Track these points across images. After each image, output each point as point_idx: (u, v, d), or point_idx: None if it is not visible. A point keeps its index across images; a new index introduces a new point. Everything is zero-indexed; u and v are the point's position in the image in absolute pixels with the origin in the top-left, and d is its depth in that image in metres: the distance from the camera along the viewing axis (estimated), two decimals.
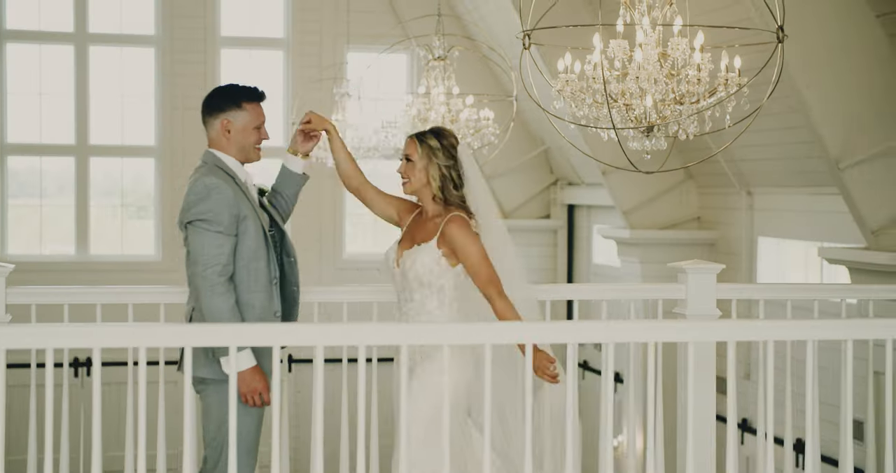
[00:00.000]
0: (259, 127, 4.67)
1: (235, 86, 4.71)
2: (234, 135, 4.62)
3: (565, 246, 13.16)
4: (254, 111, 4.66)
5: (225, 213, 4.43)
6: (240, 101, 4.64)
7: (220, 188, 4.45)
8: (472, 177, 4.73)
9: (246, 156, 4.67)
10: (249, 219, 4.51)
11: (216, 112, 4.64)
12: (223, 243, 4.42)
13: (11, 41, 12.35)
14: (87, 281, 11.68)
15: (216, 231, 4.42)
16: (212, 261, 4.40)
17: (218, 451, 4.47)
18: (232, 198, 4.46)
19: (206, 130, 4.68)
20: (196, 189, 4.48)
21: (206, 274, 4.39)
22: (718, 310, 4.94)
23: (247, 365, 4.37)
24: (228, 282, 4.42)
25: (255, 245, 4.51)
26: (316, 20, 12.68)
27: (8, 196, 12.45)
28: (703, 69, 5.04)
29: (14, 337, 3.42)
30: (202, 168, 4.60)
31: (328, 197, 12.70)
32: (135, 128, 12.61)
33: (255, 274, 4.51)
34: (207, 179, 4.48)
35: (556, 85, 5.22)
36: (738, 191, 9.93)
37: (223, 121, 4.62)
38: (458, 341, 3.75)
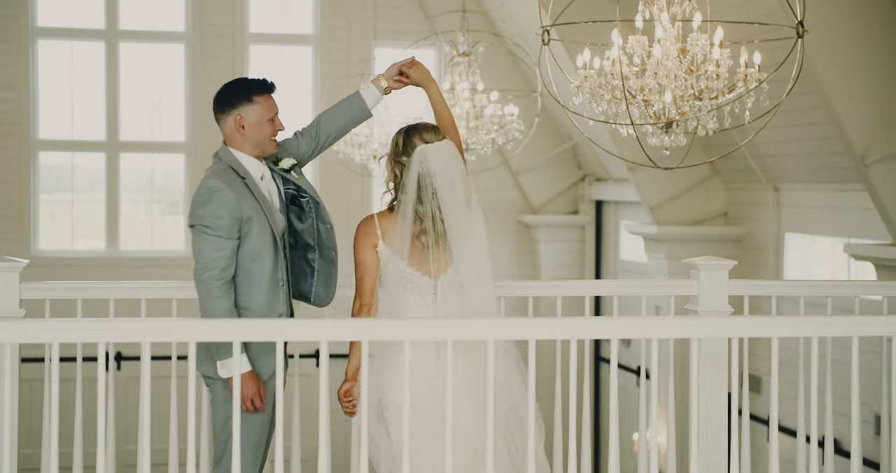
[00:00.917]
0: (273, 118, 4.63)
1: (244, 80, 4.68)
2: (249, 130, 4.59)
3: (593, 243, 13.13)
4: (265, 103, 4.62)
5: (225, 217, 4.42)
6: (251, 95, 4.60)
7: (222, 191, 4.43)
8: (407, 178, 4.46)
9: (262, 150, 4.64)
10: (254, 220, 4.48)
11: (228, 108, 4.60)
12: (222, 247, 4.41)
13: (43, 38, 12.45)
14: (116, 276, 11.78)
15: (216, 235, 4.41)
16: (209, 265, 4.39)
17: (223, 446, 4.49)
18: (233, 202, 4.43)
19: (220, 128, 4.64)
20: (199, 191, 4.48)
21: (204, 277, 4.40)
22: (730, 307, 4.92)
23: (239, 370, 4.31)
24: (227, 285, 4.42)
25: (258, 246, 4.50)
26: (344, 16, 12.71)
27: (40, 191, 12.57)
28: (723, 65, 5.02)
29: (22, 332, 3.47)
30: (214, 166, 4.60)
31: (357, 191, 12.74)
32: (165, 125, 12.69)
33: (256, 276, 4.49)
34: (210, 181, 4.47)
35: (575, 81, 5.22)
36: (765, 186, 9.88)
37: (236, 118, 4.58)
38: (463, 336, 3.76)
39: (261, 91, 4.62)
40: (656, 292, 5.24)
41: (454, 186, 4.40)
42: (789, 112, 8.33)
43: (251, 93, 4.61)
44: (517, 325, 3.74)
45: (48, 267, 11.94)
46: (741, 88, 5.01)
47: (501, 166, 12.76)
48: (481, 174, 11.25)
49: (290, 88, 12.75)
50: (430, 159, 4.40)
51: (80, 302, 4.96)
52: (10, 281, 4.70)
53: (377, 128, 10.39)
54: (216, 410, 4.51)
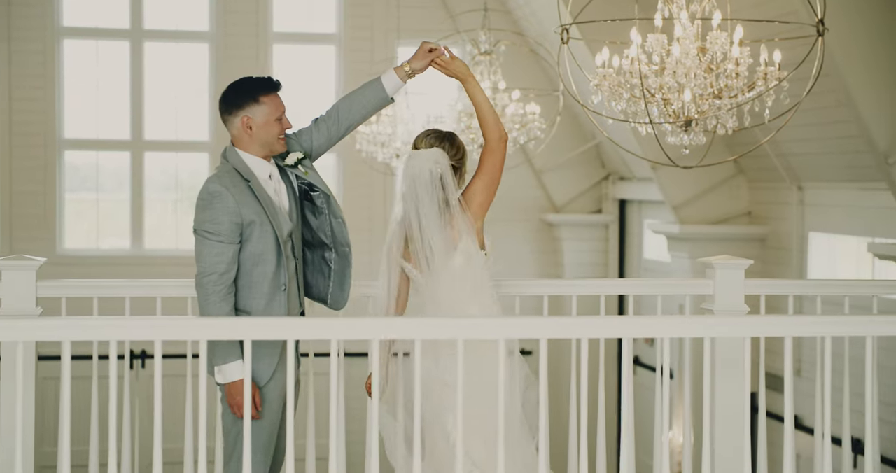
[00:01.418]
0: (280, 118, 4.60)
1: (249, 79, 4.62)
2: (257, 130, 4.55)
3: (617, 242, 13.09)
4: (272, 103, 4.59)
5: (225, 222, 4.39)
6: (257, 95, 4.56)
7: (222, 196, 4.41)
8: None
9: (270, 149, 4.60)
10: (256, 224, 4.45)
11: (234, 110, 4.56)
12: (222, 251, 4.39)
13: (69, 37, 12.53)
14: (141, 275, 11.84)
15: (216, 240, 4.39)
16: (208, 269, 4.38)
17: (232, 446, 4.48)
18: (234, 206, 4.41)
19: (227, 128, 4.61)
20: (201, 195, 4.46)
21: (203, 282, 4.38)
22: (747, 306, 4.90)
23: (233, 377, 4.35)
24: (227, 290, 4.40)
25: (259, 250, 4.47)
26: (367, 15, 12.72)
27: (65, 190, 12.64)
28: (743, 63, 4.99)
29: (35, 330, 3.49)
30: (220, 167, 4.57)
31: (379, 190, 12.74)
32: (189, 124, 12.73)
33: (257, 280, 4.47)
34: (212, 185, 4.45)
35: (594, 79, 5.20)
36: (789, 185, 9.81)
37: (243, 119, 4.54)
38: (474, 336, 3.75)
39: (267, 90, 4.59)
40: (672, 291, 5.22)
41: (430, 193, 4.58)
42: (812, 110, 8.28)
43: (257, 93, 4.57)
44: (529, 324, 3.73)
45: (73, 266, 12.03)
46: (761, 87, 4.98)
47: (524, 165, 12.73)
48: (503, 173, 11.21)
49: (313, 88, 12.77)
50: (413, 166, 4.61)
51: (95, 300, 4.99)
52: (27, 280, 4.74)
53: (400, 126, 10.40)
54: (225, 410, 4.50)
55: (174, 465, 5.22)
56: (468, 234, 4.55)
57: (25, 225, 12.28)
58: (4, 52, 12.16)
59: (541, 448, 3.75)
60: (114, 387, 3.59)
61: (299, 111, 13.58)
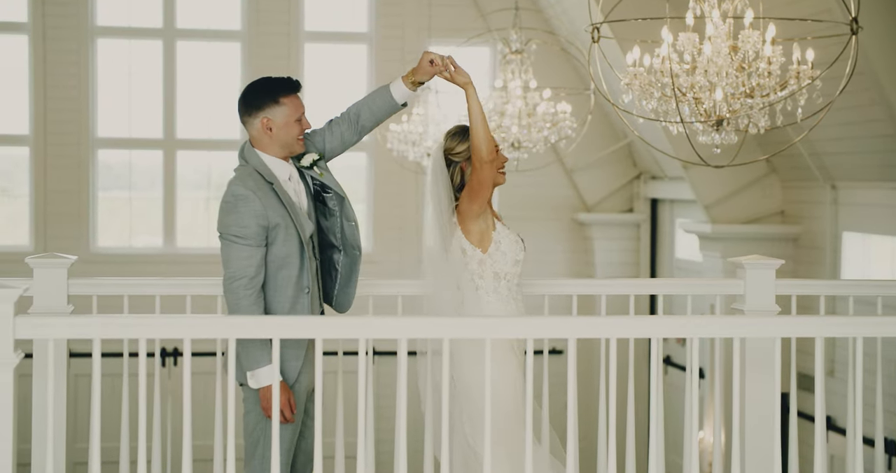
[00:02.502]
0: (300, 118, 4.57)
1: (269, 80, 4.58)
2: (277, 131, 4.52)
3: (648, 241, 13.04)
4: (292, 104, 4.55)
5: (252, 226, 4.37)
6: (277, 96, 4.53)
7: (248, 199, 4.39)
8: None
9: (290, 150, 4.59)
10: (281, 226, 4.43)
11: (254, 111, 4.53)
12: (251, 255, 4.37)
13: (102, 37, 12.61)
14: (173, 272, 11.89)
15: (244, 244, 4.37)
16: (238, 273, 4.36)
17: (253, 447, 4.47)
18: (260, 209, 4.39)
19: (245, 129, 4.59)
20: (226, 198, 4.44)
21: (233, 286, 4.36)
22: (778, 306, 4.87)
23: (267, 382, 4.33)
24: (258, 294, 4.39)
25: (284, 253, 4.45)
26: (399, 14, 12.72)
27: (99, 189, 12.72)
28: (775, 62, 4.96)
29: (65, 328, 3.51)
30: (241, 169, 4.55)
31: (410, 189, 12.75)
32: (221, 122, 12.79)
33: (281, 284, 4.46)
34: (237, 188, 4.43)
35: (625, 78, 5.18)
36: (822, 184, 9.75)
37: (263, 120, 4.52)
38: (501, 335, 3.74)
39: (287, 91, 4.56)
40: (702, 291, 5.19)
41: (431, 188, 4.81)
42: (846, 109, 8.22)
43: (277, 94, 4.53)
44: (558, 324, 3.72)
45: (106, 264, 12.11)
46: (793, 86, 4.95)
47: (555, 164, 12.70)
48: (534, 172, 11.21)
49: (344, 87, 12.79)
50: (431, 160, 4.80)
51: (126, 298, 5.01)
52: (59, 278, 4.77)
53: (432, 126, 10.41)
54: (248, 411, 4.49)
55: (204, 462, 5.25)
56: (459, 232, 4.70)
57: (59, 223, 12.37)
58: (39, 52, 12.25)
59: (569, 449, 3.74)
60: (143, 385, 3.61)
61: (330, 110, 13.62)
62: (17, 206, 12.75)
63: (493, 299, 4.65)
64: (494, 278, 4.67)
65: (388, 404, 7.49)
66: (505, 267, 4.67)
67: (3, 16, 12.45)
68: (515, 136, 8.87)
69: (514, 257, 4.68)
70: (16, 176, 12.82)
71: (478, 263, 4.68)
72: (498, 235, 4.69)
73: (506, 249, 4.68)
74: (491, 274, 4.67)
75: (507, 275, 4.68)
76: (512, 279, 4.69)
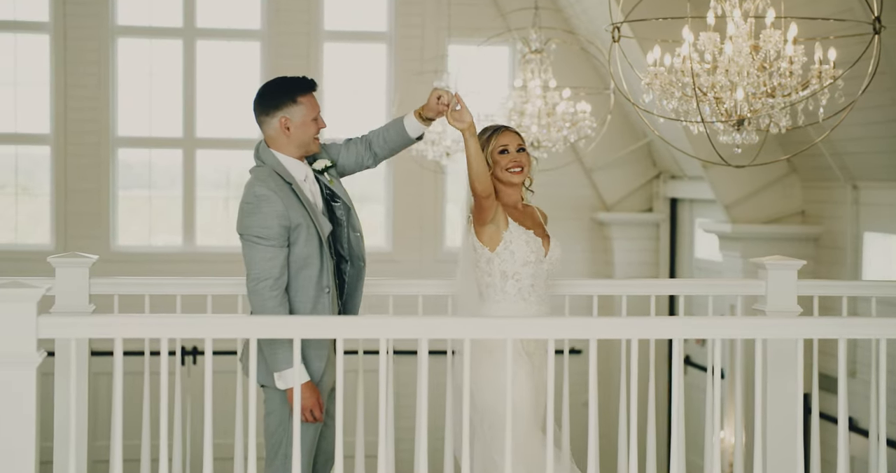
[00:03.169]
0: (316, 117, 4.59)
1: (285, 79, 4.59)
2: (294, 131, 4.53)
3: (668, 241, 13.00)
4: (309, 103, 4.57)
5: (275, 226, 4.37)
6: (294, 96, 4.54)
7: (270, 199, 4.39)
8: None
9: (306, 150, 4.60)
10: (302, 226, 4.44)
11: (272, 110, 4.54)
12: (274, 256, 4.37)
13: (123, 36, 12.65)
14: (193, 272, 11.92)
15: (268, 244, 4.36)
16: (263, 275, 4.35)
17: (275, 449, 4.47)
18: (282, 209, 4.39)
19: (262, 129, 4.60)
20: (247, 199, 4.43)
21: (258, 288, 4.35)
22: (799, 307, 4.85)
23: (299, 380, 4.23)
24: (283, 295, 4.38)
25: (305, 253, 4.45)
26: (418, 13, 12.72)
27: (119, 188, 12.76)
28: (796, 62, 4.94)
29: (88, 328, 3.53)
30: (259, 170, 4.54)
31: (430, 188, 12.75)
32: (240, 121, 12.81)
33: (303, 284, 4.45)
34: (258, 189, 4.42)
35: (646, 78, 5.17)
36: (844, 184, 9.70)
37: (281, 119, 4.53)
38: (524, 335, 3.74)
39: (304, 90, 4.57)
40: (723, 292, 5.18)
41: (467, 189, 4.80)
42: (868, 109, 8.18)
43: (295, 93, 4.55)
44: (579, 324, 3.72)
45: (126, 263, 12.16)
46: (815, 85, 4.93)
47: (574, 163, 12.68)
48: (553, 171, 11.19)
49: (364, 86, 12.80)
50: None
51: (147, 297, 5.03)
52: (80, 277, 4.80)
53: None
54: (270, 412, 4.48)
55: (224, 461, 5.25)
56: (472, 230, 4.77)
57: (80, 222, 12.42)
58: (60, 51, 12.31)
59: (590, 449, 3.73)
60: (165, 384, 3.62)
61: (350, 109, 13.63)
62: (38, 205, 12.81)
63: (499, 298, 4.70)
64: (502, 277, 4.71)
65: (406, 403, 7.51)
66: (513, 267, 4.70)
67: (25, 15, 12.50)
68: (535, 136, 8.86)
69: (523, 258, 4.70)
70: (37, 175, 12.88)
71: (486, 262, 4.72)
72: (509, 235, 4.72)
73: (515, 249, 4.71)
74: (498, 272, 4.71)
75: (515, 275, 4.71)
76: (522, 279, 4.70)
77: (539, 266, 4.72)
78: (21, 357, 3.46)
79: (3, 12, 12.52)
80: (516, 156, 4.81)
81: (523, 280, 4.70)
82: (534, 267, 4.71)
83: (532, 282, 4.71)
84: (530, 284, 4.70)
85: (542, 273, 4.74)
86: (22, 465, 3.46)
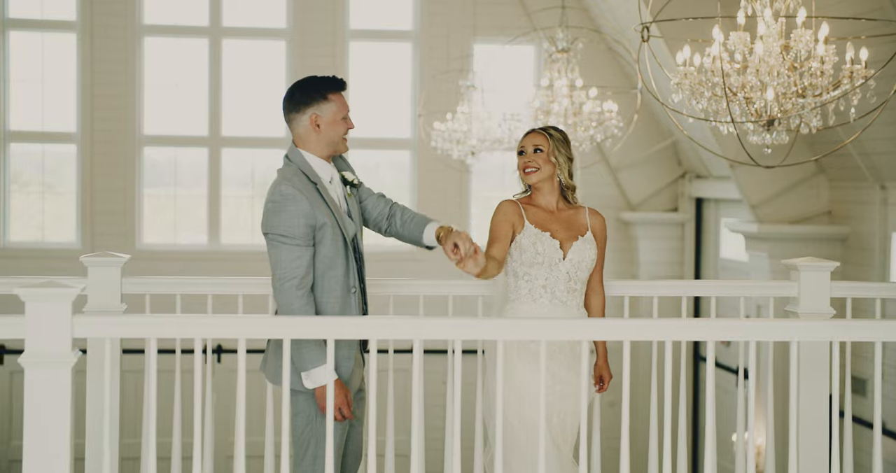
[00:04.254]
0: (345, 117, 4.60)
1: (316, 78, 4.61)
2: (325, 128, 4.55)
3: (693, 240, 12.96)
4: (339, 101, 4.58)
5: (301, 226, 4.37)
6: (325, 93, 4.55)
7: (296, 199, 4.39)
8: (575, 174, 4.95)
9: (335, 149, 4.61)
10: (328, 226, 4.44)
11: (302, 107, 4.55)
12: (300, 255, 4.37)
13: (150, 35, 12.69)
14: (218, 270, 11.97)
15: (293, 244, 4.36)
16: (289, 274, 4.35)
17: (303, 449, 4.47)
18: (308, 209, 4.40)
19: (290, 128, 4.60)
20: (273, 198, 4.43)
21: (284, 287, 4.35)
22: (832, 309, 4.82)
23: (323, 381, 4.31)
24: (308, 294, 4.39)
25: (331, 253, 4.46)
26: (443, 12, 12.72)
27: (144, 186, 12.81)
28: (828, 61, 4.91)
29: (122, 327, 3.53)
30: (286, 169, 4.54)
31: (455, 187, 12.75)
32: (266, 120, 12.84)
33: (330, 284, 4.46)
34: (285, 188, 4.42)
35: (675, 78, 5.15)
36: (872, 184, 9.64)
37: (312, 116, 4.54)
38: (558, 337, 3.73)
39: (334, 89, 4.59)
40: (755, 293, 5.14)
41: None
42: None
43: (326, 91, 4.57)
44: (612, 326, 3.71)
45: (152, 261, 12.21)
46: (846, 85, 4.90)
47: (600, 163, 12.66)
48: (579, 171, 11.17)
49: (389, 85, 12.81)
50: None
51: (178, 297, 5.03)
52: (112, 276, 4.81)
53: (476, 124, 10.39)
54: (297, 412, 4.47)
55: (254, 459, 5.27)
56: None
57: (106, 220, 12.48)
58: (87, 50, 12.37)
59: (623, 449, 3.72)
60: (199, 384, 3.63)
61: (375, 108, 13.59)
62: (64, 203, 12.87)
63: (513, 297, 4.78)
64: (514, 276, 4.77)
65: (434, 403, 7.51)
66: (522, 268, 4.74)
67: (52, 14, 12.57)
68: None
69: (530, 258, 4.73)
70: (63, 173, 12.94)
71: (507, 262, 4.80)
72: (521, 236, 4.75)
73: (522, 250, 4.74)
74: (511, 272, 4.79)
75: (526, 275, 4.74)
76: (534, 280, 4.73)
77: (554, 268, 4.72)
78: (57, 357, 3.47)
79: (30, 11, 12.58)
80: (531, 157, 4.84)
81: (535, 280, 4.72)
82: (546, 269, 4.72)
83: (545, 284, 4.71)
84: (542, 285, 4.71)
85: (561, 275, 4.73)
86: (58, 464, 3.48)
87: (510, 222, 4.74)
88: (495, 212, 4.78)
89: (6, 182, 12.52)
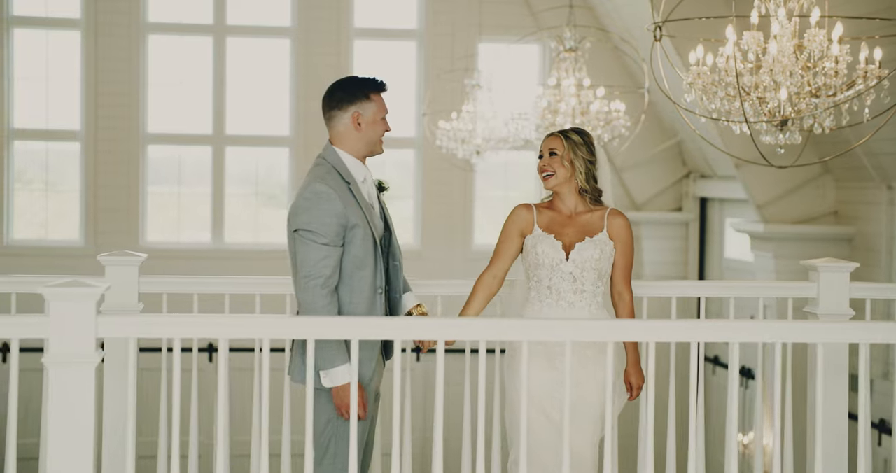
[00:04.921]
0: (385, 118, 4.63)
1: (357, 78, 4.64)
2: (365, 127, 4.56)
3: (697, 240, 12.96)
4: (380, 102, 4.62)
5: (332, 225, 4.36)
6: (368, 92, 4.58)
7: (329, 197, 4.38)
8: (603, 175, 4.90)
9: (372, 150, 4.62)
10: (359, 226, 4.43)
11: (345, 105, 4.56)
12: (328, 255, 4.35)
13: (153, 33, 12.68)
14: (221, 268, 11.96)
15: (322, 242, 4.35)
16: (314, 273, 4.33)
17: (323, 447, 4.45)
18: (341, 208, 4.39)
19: (329, 125, 4.59)
20: (305, 195, 4.41)
21: (309, 286, 4.33)
22: (852, 310, 4.81)
23: (342, 381, 4.31)
24: (332, 294, 4.36)
25: (361, 253, 4.44)
26: (449, 11, 12.70)
27: (148, 184, 12.81)
28: (841, 61, 4.91)
29: (142, 327, 3.53)
30: (319, 167, 4.53)
31: (459, 186, 12.74)
32: (270, 119, 12.83)
33: (358, 285, 4.44)
34: (318, 185, 4.41)
35: (688, 77, 5.15)
36: (878, 185, 9.64)
37: (354, 114, 4.55)
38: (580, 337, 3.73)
39: (377, 89, 4.63)
40: (773, 294, 5.13)
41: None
42: None
43: (369, 90, 4.59)
44: (634, 327, 3.71)
45: (155, 259, 12.17)
46: (860, 85, 4.89)
47: None
48: None
49: (394, 84, 12.78)
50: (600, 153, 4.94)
51: (195, 296, 5.03)
52: (130, 275, 4.80)
53: (481, 123, 10.38)
54: (318, 411, 4.44)
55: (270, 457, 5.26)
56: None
57: (109, 218, 12.47)
58: (91, 48, 12.35)
59: (646, 448, 3.72)
60: (223, 383, 3.62)
61: None
62: (67, 201, 12.86)
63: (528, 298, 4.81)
64: (526, 279, 4.82)
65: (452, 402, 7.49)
66: (530, 270, 4.80)
67: (56, 12, 12.55)
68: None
69: (533, 261, 4.76)
70: (66, 171, 12.92)
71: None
72: (528, 239, 4.80)
73: (527, 252, 4.79)
74: (525, 274, 4.83)
75: (534, 277, 4.79)
76: (541, 281, 4.75)
77: (556, 269, 4.72)
78: (81, 357, 3.46)
79: (35, 9, 12.57)
80: (547, 161, 4.84)
81: (541, 282, 4.75)
82: (548, 270, 4.73)
83: (549, 285, 4.73)
84: (547, 286, 4.73)
85: (565, 275, 4.72)
86: (81, 463, 3.47)
87: (519, 228, 4.79)
88: (507, 218, 4.86)
89: (10, 180, 12.51)
